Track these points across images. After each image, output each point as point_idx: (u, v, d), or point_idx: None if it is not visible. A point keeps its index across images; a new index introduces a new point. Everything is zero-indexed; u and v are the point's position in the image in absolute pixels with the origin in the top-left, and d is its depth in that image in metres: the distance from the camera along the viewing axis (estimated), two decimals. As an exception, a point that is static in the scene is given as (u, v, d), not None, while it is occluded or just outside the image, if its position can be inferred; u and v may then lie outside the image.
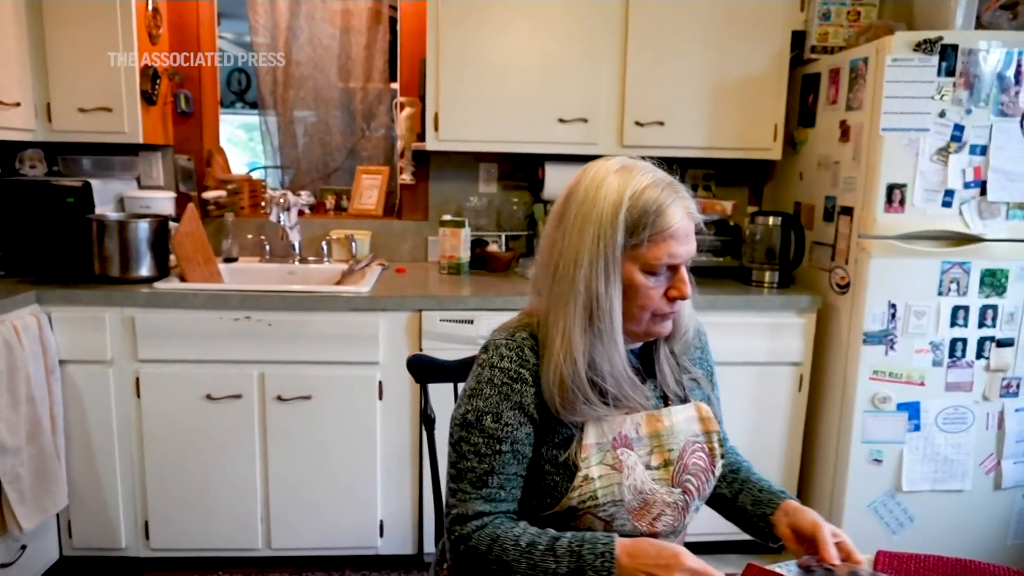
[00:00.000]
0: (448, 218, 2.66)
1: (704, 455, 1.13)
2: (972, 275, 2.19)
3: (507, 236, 2.83)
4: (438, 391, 1.53)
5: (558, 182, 2.58)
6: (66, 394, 2.17)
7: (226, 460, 2.25)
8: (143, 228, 2.28)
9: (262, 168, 3.32)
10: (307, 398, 2.22)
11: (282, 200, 2.68)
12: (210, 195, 2.79)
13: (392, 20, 3.00)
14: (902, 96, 2.09)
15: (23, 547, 2.06)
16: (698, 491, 1.12)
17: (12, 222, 2.28)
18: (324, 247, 2.78)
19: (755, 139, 2.57)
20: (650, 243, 1.01)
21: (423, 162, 2.85)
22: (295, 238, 2.75)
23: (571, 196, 1.06)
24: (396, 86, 2.95)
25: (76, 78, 2.36)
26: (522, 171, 2.89)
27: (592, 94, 2.50)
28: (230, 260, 2.73)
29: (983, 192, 2.14)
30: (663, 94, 2.51)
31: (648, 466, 1.08)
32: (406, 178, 2.84)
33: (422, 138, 2.62)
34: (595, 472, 1.04)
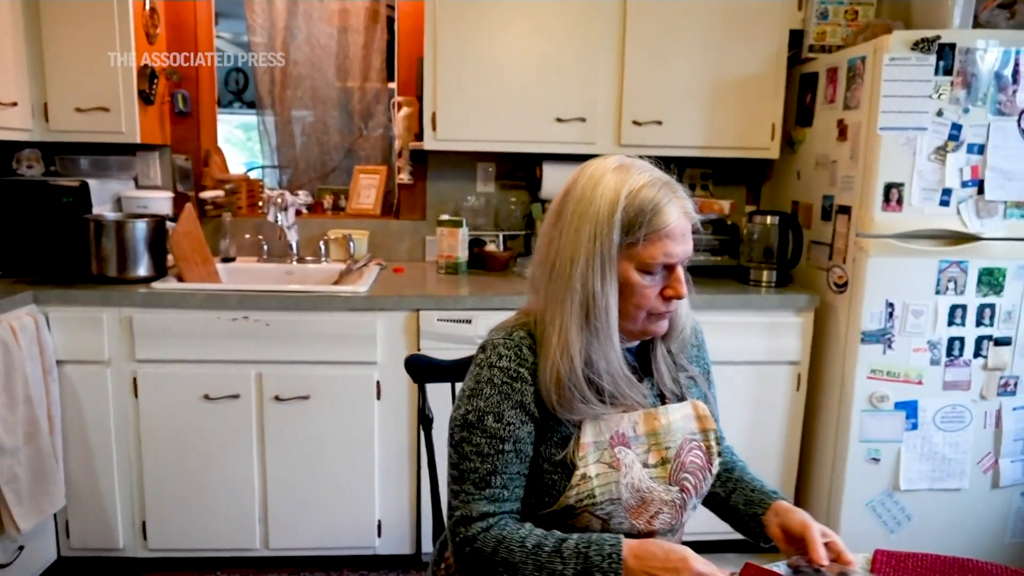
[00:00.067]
0: (446, 218, 2.66)
1: (701, 453, 1.13)
2: (970, 274, 2.19)
3: (505, 236, 2.83)
4: (436, 391, 1.53)
5: (556, 181, 2.58)
6: (63, 394, 2.16)
7: (224, 460, 2.24)
8: (140, 228, 2.28)
9: (260, 168, 3.32)
10: (305, 398, 2.22)
11: (280, 200, 2.67)
12: (208, 195, 2.79)
13: (390, 20, 3.00)
14: (900, 95, 2.10)
15: (21, 548, 2.06)
16: (695, 489, 1.12)
17: (9, 222, 2.28)
18: (322, 247, 2.78)
19: (753, 138, 2.57)
20: (646, 242, 1.01)
21: (421, 162, 2.85)
22: (293, 238, 2.75)
23: (568, 194, 1.06)
24: (394, 86, 2.95)
25: (73, 78, 2.35)
26: (520, 170, 2.89)
27: (590, 93, 2.50)
28: (228, 260, 2.73)
29: (981, 191, 2.15)
30: (661, 93, 2.51)
31: (645, 464, 1.08)
32: (404, 178, 2.84)
33: (420, 138, 2.62)
34: (593, 471, 1.04)
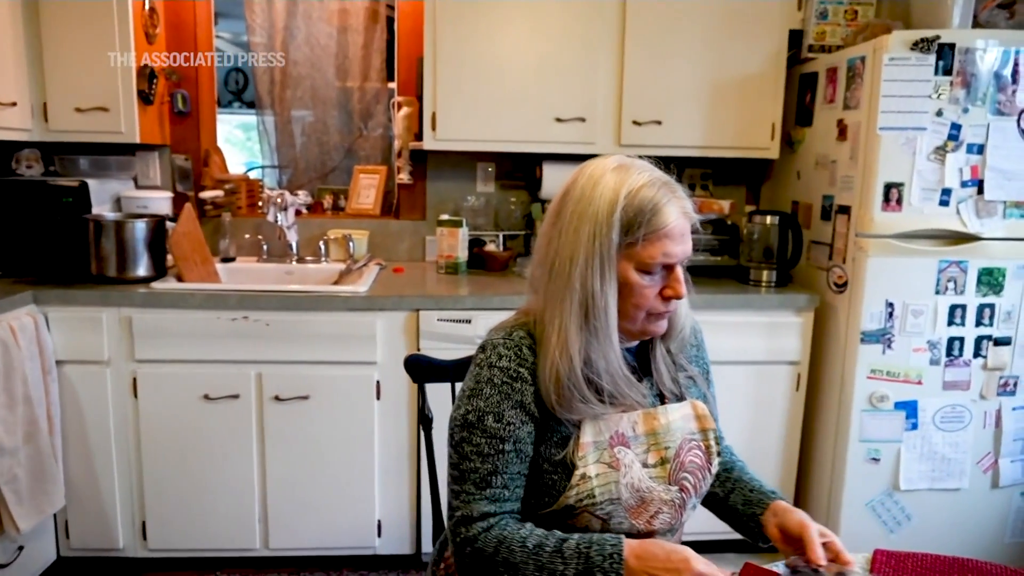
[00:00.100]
0: (446, 218, 2.66)
1: (700, 452, 1.13)
2: (969, 274, 2.19)
3: (505, 236, 2.83)
4: (436, 391, 1.53)
5: (556, 181, 2.58)
6: (63, 394, 2.16)
7: (224, 460, 2.24)
8: (140, 228, 2.28)
9: (259, 168, 3.32)
10: (305, 398, 2.22)
11: (279, 200, 2.67)
12: (207, 195, 2.79)
13: (389, 19, 3.00)
14: (899, 95, 2.10)
15: (20, 548, 2.06)
16: (695, 489, 1.12)
17: (9, 222, 2.28)
18: (322, 247, 2.78)
19: (753, 138, 2.57)
20: (645, 242, 1.01)
21: (421, 161, 2.85)
22: (292, 238, 2.75)
23: (568, 194, 1.06)
24: (394, 85, 2.95)
25: (73, 78, 2.35)
26: (520, 170, 2.89)
27: (590, 93, 2.50)
28: (227, 260, 2.73)
29: (980, 191, 2.15)
30: (660, 93, 2.51)
31: (645, 464, 1.08)
32: (404, 178, 2.84)
33: (420, 137, 2.62)
34: (592, 471, 1.04)
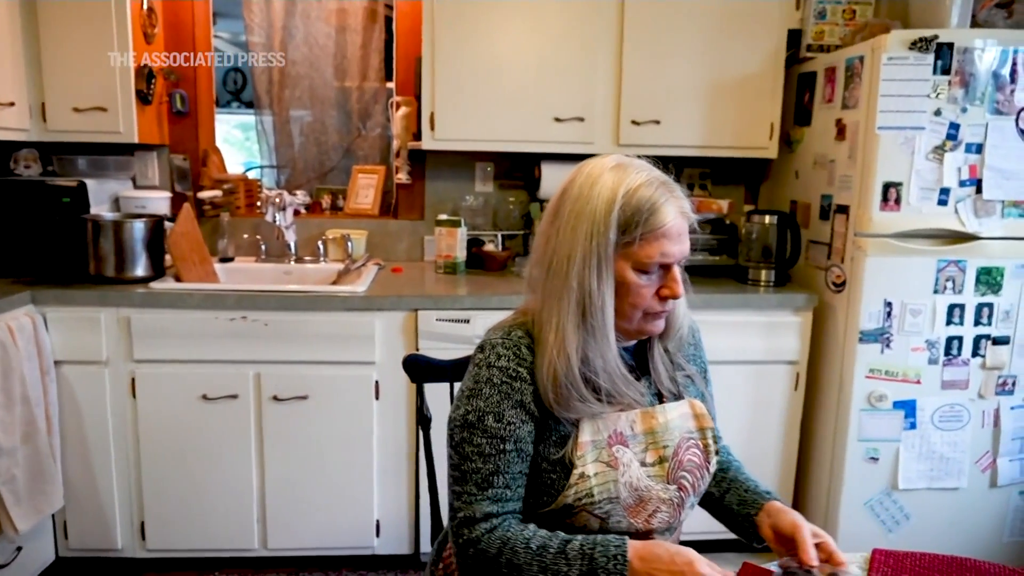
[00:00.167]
0: (444, 217, 2.66)
1: (699, 451, 1.13)
2: (968, 273, 2.19)
3: (503, 235, 2.83)
4: (434, 391, 1.53)
5: (554, 181, 2.58)
6: (61, 395, 2.16)
7: (222, 460, 2.24)
8: (138, 228, 2.28)
9: (258, 168, 3.32)
10: (303, 398, 2.22)
11: (278, 200, 2.67)
12: (206, 195, 2.78)
13: (388, 19, 3.00)
14: (898, 95, 2.10)
15: (19, 548, 2.06)
16: (693, 487, 1.12)
17: (7, 222, 2.27)
18: (320, 247, 2.78)
19: (751, 138, 2.57)
20: (642, 241, 1.01)
21: (419, 161, 2.85)
22: (291, 238, 2.74)
23: (566, 192, 1.06)
24: (392, 85, 2.95)
25: (71, 78, 2.35)
26: (518, 170, 2.88)
27: (588, 93, 2.50)
28: (226, 260, 2.73)
29: (979, 190, 2.15)
30: (659, 93, 2.51)
31: (643, 463, 1.08)
32: (402, 177, 2.84)
33: (418, 137, 2.62)
34: (591, 470, 1.04)
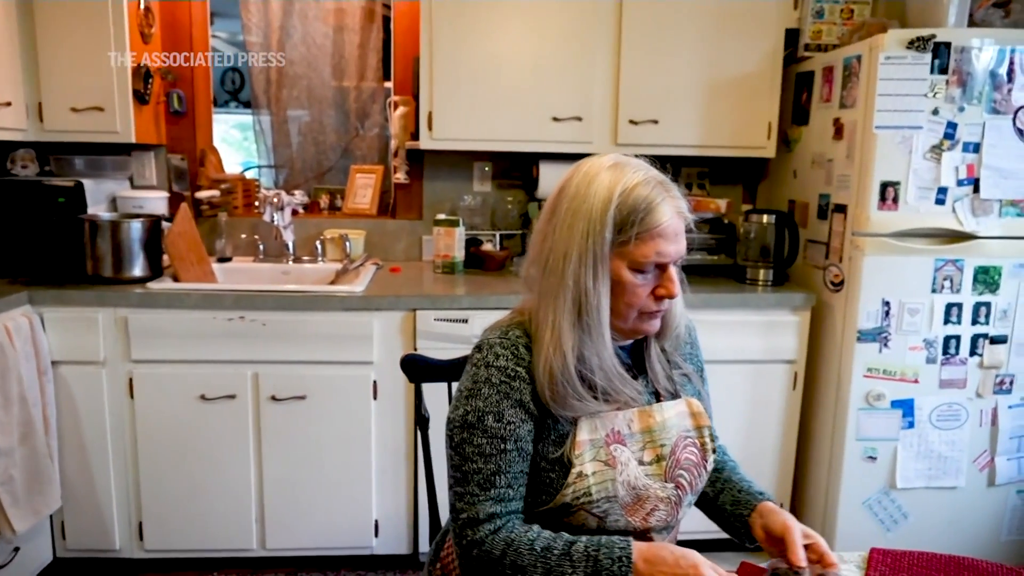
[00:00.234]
0: (442, 217, 2.65)
1: (696, 450, 1.13)
2: (965, 272, 2.19)
3: (501, 235, 2.83)
4: (433, 390, 1.53)
5: (552, 181, 2.55)
6: (59, 395, 2.16)
7: (220, 460, 2.24)
8: (136, 228, 2.27)
9: (256, 167, 3.32)
10: (301, 398, 2.21)
11: (276, 199, 2.67)
12: (203, 195, 2.78)
13: (386, 19, 2.99)
14: (895, 94, 2.10)
15: (16, 549, 2.05)
16: (691, 486, 1.12)
17: (4, 222, 2.27)
18: (318, 246, 2.77)
19: (749, 137, 2.57)
20: (638, 240, 1.01)
21: (417, 161, 2.84)
22: (289, 238, 2.74)
23: (563, 191, 1.06)
24: (390, 85, 2.94)
25: (68, 77, 2.35)
26: (516, 170, 2.88)
27: (586, 92, 2.50)
28: (224, 260, 2.72)
29: (976, 189, 2.15)
30: (657, 92, 2.51)
31: (641, 462, 1.07)
32: (400, 177, 2.84)
33: (416, 137, 2.61)
34: (589, 468, 1.04)
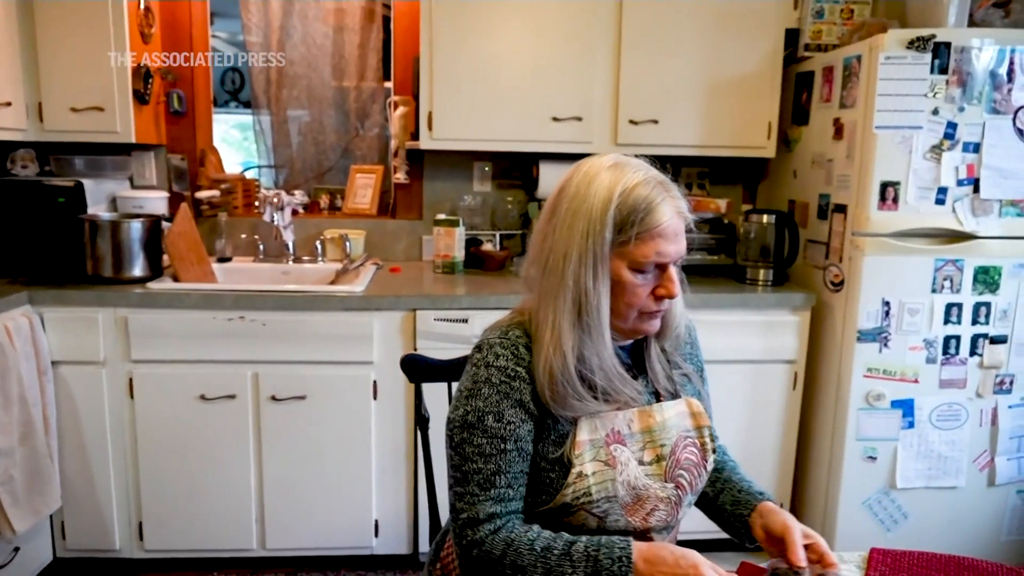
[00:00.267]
0: (442, 217, 2.65)
1: (696, 450, 1.13)
2: (965, 272, 2.19)
3: (501, 235, 2.83)
4: (432, 390, 1.53)
5: (552, 181, 2.55)
6: (59, 395, 2.16)
7: (220, 460, 2.24)
8: (136, 228, 2.27)
9: (256, 167, 3.32)
10: (301, 398, 2.21)
11: (276, 199, 2.67)
12: (203, 195, 2.78)
13: (386, 19, 2.99)
14: (895, 94, 2.10)
15: (16, 549, 2.05)
16: (691, 486, 1.12)
17: (4, 222, 2.27)
18: (318, 246, 2.77)
19: (749, 137, 2.57)
20: (638, 240, 1.01)
21: (417, 161, 2.84)
22: (289, 238, 2.74)
23: (563, 191, 1.06)
24: (390, 85, 2.94)
25: (68, 77, 2.35)
26: (517, 170, 2.88)
27: (586, 92, 2.50)
28: (224, 260, 2.72)
29: (976, 189, 2.15)
30: (657, 92, 2.51)
31: (641, 462, 1.07)
32: (400, 177, 2.84)
33: (416, 137, 2.61)
34: (589, 468, 1.04)
